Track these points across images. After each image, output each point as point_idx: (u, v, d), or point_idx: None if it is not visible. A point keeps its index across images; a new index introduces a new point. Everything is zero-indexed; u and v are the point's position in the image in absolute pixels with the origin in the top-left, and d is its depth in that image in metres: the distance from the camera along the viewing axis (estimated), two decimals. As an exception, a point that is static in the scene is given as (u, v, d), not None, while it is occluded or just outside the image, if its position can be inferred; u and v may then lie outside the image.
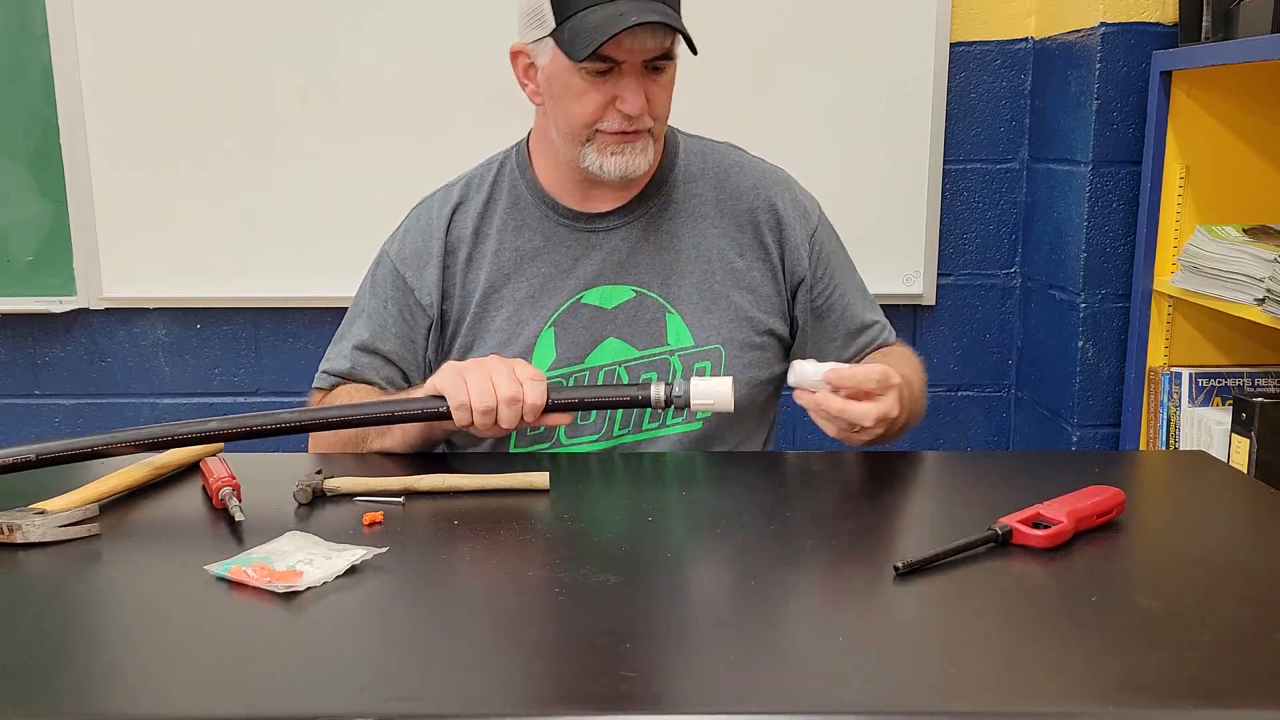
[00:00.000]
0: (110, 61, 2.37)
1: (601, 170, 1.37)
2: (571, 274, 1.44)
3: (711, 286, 1.44)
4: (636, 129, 1.35)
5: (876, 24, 2.38)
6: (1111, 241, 2.21)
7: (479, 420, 1.23)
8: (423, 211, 1.50)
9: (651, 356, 1.43)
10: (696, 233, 1.46)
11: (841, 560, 1.03)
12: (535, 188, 1.46)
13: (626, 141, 1.36)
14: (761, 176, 1.50)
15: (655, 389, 1.25)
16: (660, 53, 1.33)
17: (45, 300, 2.47)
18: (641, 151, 1.37)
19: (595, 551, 1.07)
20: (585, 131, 1.36)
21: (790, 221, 1.48)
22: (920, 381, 1.48)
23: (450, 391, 1.23)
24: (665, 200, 1.46)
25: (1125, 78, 2.15)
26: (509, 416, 1.22)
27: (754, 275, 1.46)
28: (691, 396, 1.24)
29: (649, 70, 1.34)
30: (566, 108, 1.36)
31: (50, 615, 0.93)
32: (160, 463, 1.25)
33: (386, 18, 2.37)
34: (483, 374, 1.23)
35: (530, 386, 1.22)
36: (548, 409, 1.24)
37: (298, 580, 0.95)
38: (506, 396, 1.21)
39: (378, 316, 1.47)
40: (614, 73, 1.32)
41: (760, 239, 1.47)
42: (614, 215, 1.45)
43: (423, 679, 0.82)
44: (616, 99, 1.33)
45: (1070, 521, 1.04)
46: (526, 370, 1.24)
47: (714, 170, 1.49)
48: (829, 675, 0.83)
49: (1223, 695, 0.78)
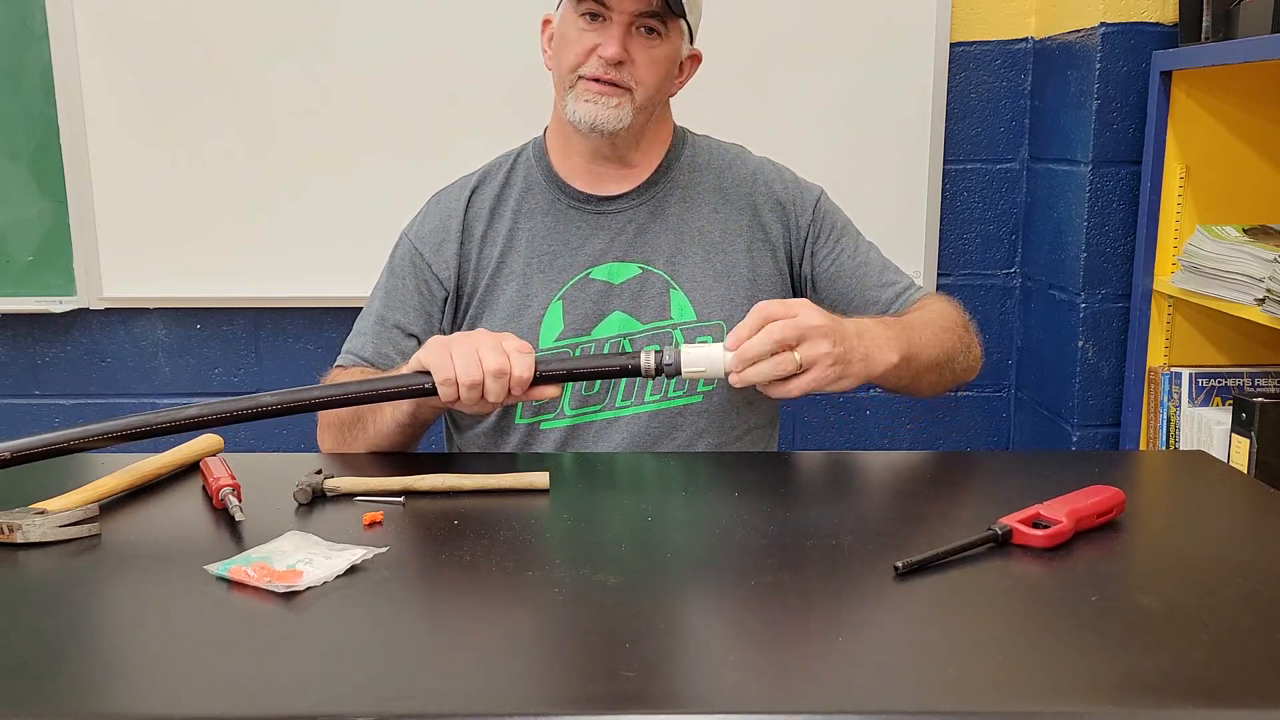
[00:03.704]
0: (110, 61, 2.37)
1: (576, 118, 1.44)
2: (581, 251, 1.50)
3: (713, 265, 1.50)
4: (614, 80, 1.42)
5: (876, 24, 2.38)
6: (1111, 241, 2.21)
7: (465, 395, 1.22)
8: (442, 196, 1.57)
9: (655, 329, 1.48)
10: (700, 216, 1.52)
11: (841, 560, 1.03)
12: (550, 173, 1.53)
13: (602, 94, 1.42)
14: (760, 166, 1.57)
15: (645, 357, 1.24)
16: (646, 7, 1.39)
17: (45, 300, 2.47)
18: (615, 107, 1.43)
19: (595, 551, 1.07)
20: (570, 77, 1.44)
21: (790, 200, 1.54)
22: (942, 337, 1.42)
23: (435, 366, 1.22)
24: (672, 186, 1.53)
25: (1125, 78, 2.15)
26: (496, 390, 1.22)
27: (754, 256, 1.52)
28: (683, 364, 1.23)
29: (642, 33, 1.42)
30: (560, 54, 1.46)
31: (50, 615, 0.93)
32: (160, 463, 1.25)
33: (387, 18, 2.36)
34: (469, 348, 1.22)
35: (517, 359, 1.22)
36: (536, 381, 1.24)
37: (298, 580, 0.95)
38: (493, 369, 1.21)
39: (396, 293, 1.52)
40: (604, 23, 1.41)
41: (760, 221, 1.53)
42: (623, 198, 1.52)
43: (422, 679, 0.82)
44: (599, 47, 1.41)
45: (1070, 521, 1.04)
46: (514, 343, 1.24)
47: (718, 163, 1.56)
48: (829, 675, 0.83)
49: (1223, 695, 0.78)
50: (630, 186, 1.52)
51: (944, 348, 1.42)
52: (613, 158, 1.50)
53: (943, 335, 1.43)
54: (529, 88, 1.65)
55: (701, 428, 1.48)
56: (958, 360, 1.46)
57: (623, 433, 1.46)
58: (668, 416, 1.47)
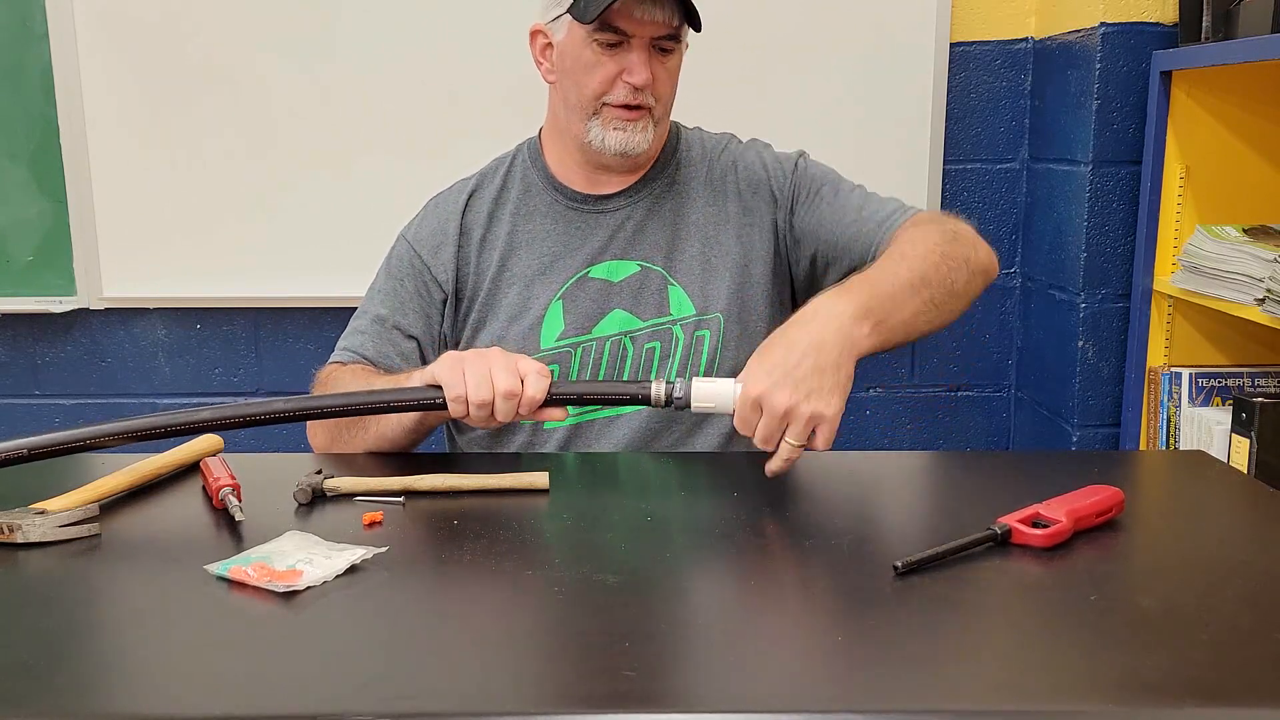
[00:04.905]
0: (110, 61, 2.37)
1: (604, 145, 1.45)
2: (580, 250, 1.51)
3: (710, 259, 1.51)
4: (640, 104, 1.43)
5: (876, 24, 2.38)
6: (1111, 241, 2.21)
7: (474, 414, 1.23)
8: (440, 200, 1.57)
9: (655, 326, 1.49)
10: (695, 210, 1.54)
11: (841, 560, 1.03)
12: (546, 175, 1.54)
13: (630, 120, 1.43)
14: (742, 151, 1.59)
15: (656, 387, 1.25)
16: (668, 30, 1.40)
17: (45, 300, 2.47)
18: (642, 130, 1.45)
19: (595, 551, 1.07)
20: (594, 104, 1.44)
21: (770, 174, 1.55)
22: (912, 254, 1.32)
23: (447, 382, 1.24)
24: (667, 182, 1.54)
25: (1125, 78, 2.15)
26: (505, 410, 1.23)
27: (746, 241, 1.52)
28: (693, 398, 1.23)
29: (656, 51, 1.42)
30: (578, 79, 1.44)
31: (50, 615, 0.93)
32: (160, 463, 1.25)
33: (387, 18, 2.36)
34: (482, 367, 1.23)
35: (532, 381, 1.23)
36: (546, 403, 1.25)
37: (298, 580, 0.95)
38: (503, 391, 1.22)
39: (394, 294, 1.52)
40: (623, 47, 1.41)
41: (744, 204, 1.54)
42: (619, 197, 1.53)
43: (422, 678, 0.82)
44: (624, 71, 1.41)
45: (1069, 521, 1.04)
46: (531, 365, 1.25)
47: (708, 154, 1.58)
48: (829, 675, 0.83)
49: (1223, 695, 0.78)
50: (626, 185, 1.53)
51: (926, 276, 1.29)
52: (621, 169, 1.51)
53: (922, 263, 1.30)
54: (529, 88, 1.65)
55: (702, 422, 1.48)
56: (955, 278, 1.33)
57: (624, 430, 1.46)
58: (668, 411, 1.47)
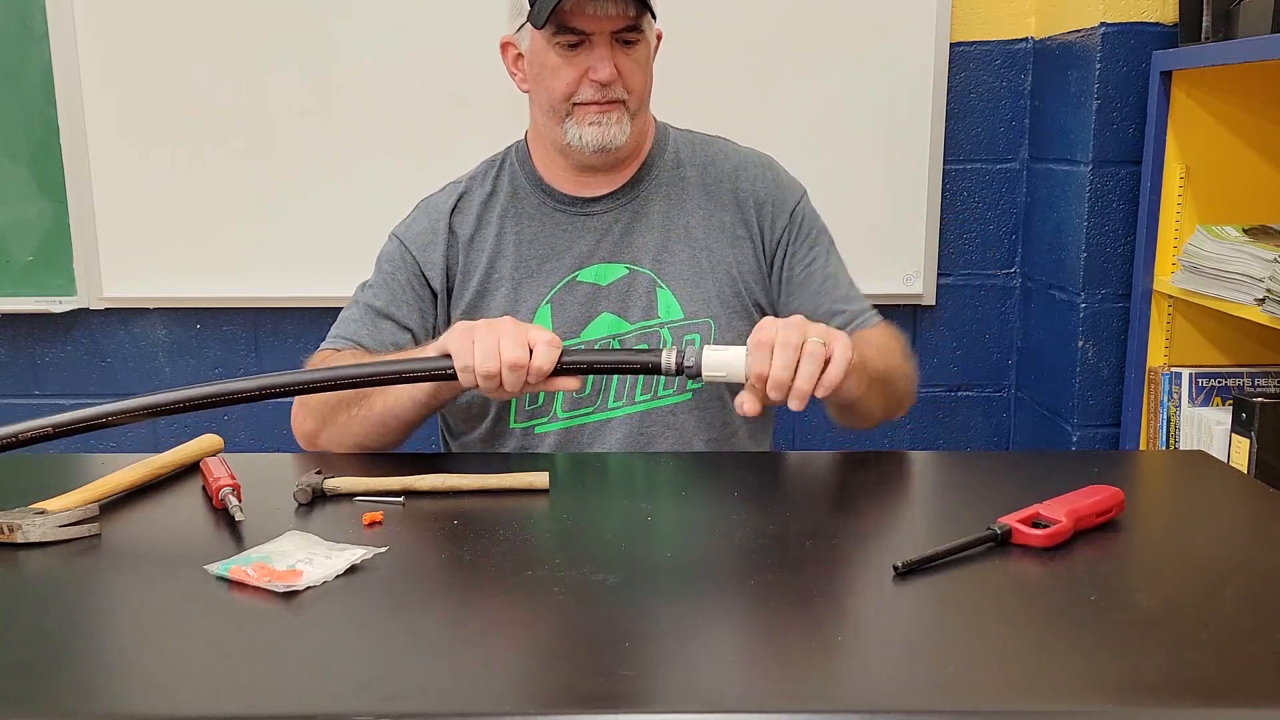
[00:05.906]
0: (110, 61, 2.37)
1: (582, 142, 1.45)
2: (568, 254, 1.50)
3: (699, 263, 1.51)
4: (610, 99, 1.43)
5: (876, 24, 2.38)
6: (1111, 241, 2.21)
7: (482, 384, 1.23)
8: (430, 201, 1.57)
9: (643, 329, 1.48)
10: (684, 213, 1.53)
11: (841, 560, 1.03)
12: (534, 177, 1.54)
13: (602, 112, 1.44)
14: (744, 159, 1.57)
15: (667, 356, 1.22)
16: (626, 21, 1.41)
17: (45, 300, 2.47)
18: (617, 123, 1.44)
19: (595, 551, 1.07)
20: (564, 105, 1.44)
21: (770, 198, 1.54)
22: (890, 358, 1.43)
23: (456, 351, 1.23)
24: (655, 184, 1.54)
25: (1125, 78, 2.15)
26: (512, 381, 1.22)
27: (738, 251, 1.52)
28: (704, 367, 1.21)
29: (620, 44, 1.42)
30: (546, 84, 1.45)
31: (50, 615, 0.93)
32: (160, 463, 1.25)
33: (386, 18, 2.37)
34: (491, 337, 1.22)
35: (541, 350, 1.22)
36: (556, 372, 1.24)
37: (298, 580, 0.95)
38: (510, 361, 1.21)
39: (387, 287, 1.52)
40: (584, 45, 1.41)
41: (743, 217, 1.53)
42: (607, 199, 1.52)
43: (422, 679, 0.82)
44: (589, 70, 1.41)
45: (1069, 521, 1.04)
46: (542, 335, 1.23)
47: (701, 157, 1.56)
48: (829, 675, 0.83)
49: (1223, 695, 0.78)
50: (614, 187, 1.52)
51: (888, 367, 1.41)
52: (605, 167, 1.51)
53: (888, 357, 1.43)
54: (529, 88, 1.65)
55: (694, 425, 1.48)
56: (899, 383, 1.45)
57: (617, 433, 1.46)
58: (660, 415, 1.47)
